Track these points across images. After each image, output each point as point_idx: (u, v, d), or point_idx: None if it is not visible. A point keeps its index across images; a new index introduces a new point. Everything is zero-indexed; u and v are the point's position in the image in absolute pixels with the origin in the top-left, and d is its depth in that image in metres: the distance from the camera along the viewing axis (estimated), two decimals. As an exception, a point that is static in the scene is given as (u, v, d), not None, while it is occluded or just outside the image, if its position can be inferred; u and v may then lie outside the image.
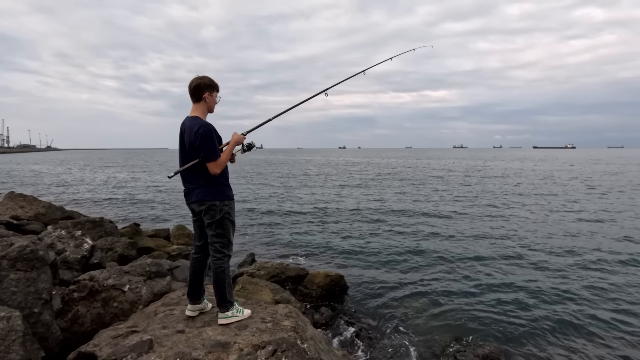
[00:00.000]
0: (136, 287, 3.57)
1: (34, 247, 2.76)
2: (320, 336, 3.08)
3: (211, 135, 2.58)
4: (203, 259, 2.88)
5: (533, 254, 8.06)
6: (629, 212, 12.84)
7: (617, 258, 7.65)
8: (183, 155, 2.70)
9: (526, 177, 27.81)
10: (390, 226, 10.90)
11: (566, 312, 5.31)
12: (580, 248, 8.42)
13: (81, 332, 3.20)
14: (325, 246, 8.89)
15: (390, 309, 5.52)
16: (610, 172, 32.43)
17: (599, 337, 4.66)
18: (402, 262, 7.57)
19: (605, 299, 5.73)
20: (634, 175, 28.67)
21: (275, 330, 2.58)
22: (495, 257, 7.83)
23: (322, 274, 6.29)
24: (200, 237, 2.85)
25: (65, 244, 4.73)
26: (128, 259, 6.46)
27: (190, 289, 2.86)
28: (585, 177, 26.83)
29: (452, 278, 6.69)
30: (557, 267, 7.18)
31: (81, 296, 3.33)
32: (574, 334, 4.76)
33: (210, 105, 2.80)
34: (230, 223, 2.72)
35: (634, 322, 4.98)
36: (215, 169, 2.59)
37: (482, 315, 5.23)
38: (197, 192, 2.66)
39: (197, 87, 2.72)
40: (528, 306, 5.51)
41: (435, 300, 5.78)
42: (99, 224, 7.56)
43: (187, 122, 2.66)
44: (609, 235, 9.63)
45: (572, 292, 5.98)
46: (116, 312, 3.36)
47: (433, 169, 36.85)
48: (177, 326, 2.66)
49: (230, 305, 2.73)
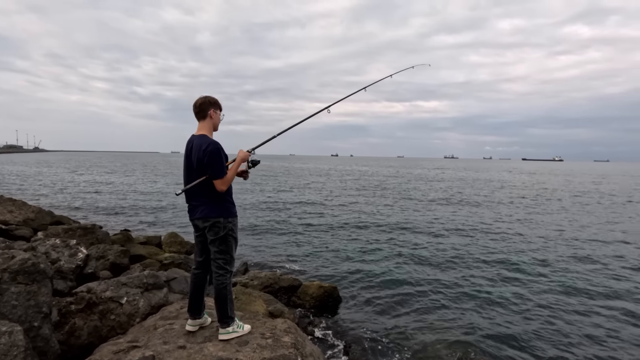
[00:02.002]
0: (134, 300, 3.58)
1: (35, 260, 2.76)
2: (319, 352, 3.13)
3: (219, 154, 2.65)
4: (204, 275, 2.92)
5: (528, 267, 8.21)
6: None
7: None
8: (189, 172, 2.75)
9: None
10: (385, 238, 11.00)
11: (558, 325, 5.44)
12: (570, 259, 8.64)
13: (78, 345, 3.19)
14: (319, 257, 8.93)
15: (384, 321, 5.57)
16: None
17: (589, 347, 4.79)
18: (396, 274, 7.65)
19: (599, 314, 5.88)
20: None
21: (276, 347, 2.62)
22: (492, 271, 7.94)
23: (315, 285, 6.33)
24: (201, 253, 2.89)
25: (59, 253, 4.68)
26: (120, 267, 6.41)
27: (191, 304, 2.89)
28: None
29: (447, 291, 6.78)
30: (549, 277, 7.36)
31: (78, 308, 3.32)
32: (565, 344, 4.87)
33: (215, 122, 2.88)
34: (233, 240, 2.78)
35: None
36: (221, 186, 2.65)
37: (476, 329, 5.31)
38: (202, 208, 2.71)
39: (202, 104, 2.80)
40: (525, 321, 5.58)
41: (429, 312, 5.86)
42: (91, 231, 7.48)
43: (195, 140, 2.72)
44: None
45: (563, 303, 6.14)
46: (113, 325, 3.36)
47: (430, 181, 37.19)
48: (178, 341, 2.69)
49: (231, 321, 2.77)
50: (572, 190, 27.86)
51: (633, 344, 4.95)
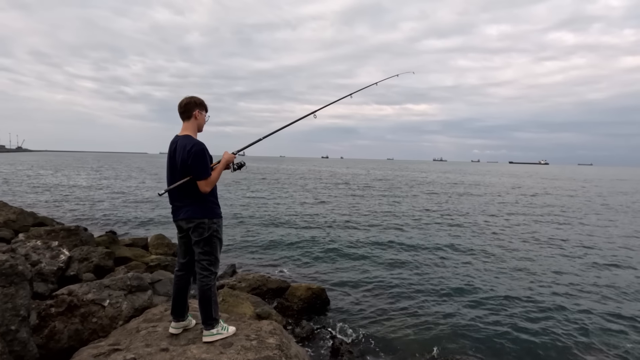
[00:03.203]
0: (116, 302, 3.52)
1: (13, 262, 2.70)
2: (304, 353, 3.12)
3: (204, 154, 2.63)
4: (187, 276, 2.89)
5: (515, 264, 8.36)
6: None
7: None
8: (172, 173, 2.72)
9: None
10: (373, 240, 11.03)
11: (543, 324, 5.54)
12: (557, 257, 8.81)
13: (57, 349, 3.12)
14: (308, 258, 8.91)
15: (371, 322, 5.59)
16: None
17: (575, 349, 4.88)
18: (384, 276, 7.68)
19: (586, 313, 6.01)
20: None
21: (260, 348, 2.61)
22: (481, 272, 8.04)
23: (303, 286, 6.31)
24: (184, 255, 2.85)
25: (40, 255, 4.58)
26: (105, 269, 6.30)
27: (174, 306, 2.85)
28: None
29: (434, 292, 6.84)
30: (535, 278, 7.49)
31: (59, 311, 3.25)
32: (548, 344, 4.96)
33: (200, 123, 2.86)
34: (218, 241, 2.75)
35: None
36: (206, 187, 2.63)
37: (463, 330, 5.37)
38: (186, 209, 2.68)
39: (187, 104, 2.78)
40: (514, 321, 5.66)
41: (416, 313, 5.90)
42: (74, 232, 7.34)
43: (180, 141, 2.70)
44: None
45: (547, 302, 6.26)
46: (95, 328, 3.30)
47: (421, 184, 37.50)
48: (160, 344, 2.65)
49: (215, 322, 2.75)
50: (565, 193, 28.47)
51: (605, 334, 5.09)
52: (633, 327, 5.59)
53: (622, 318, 5.88)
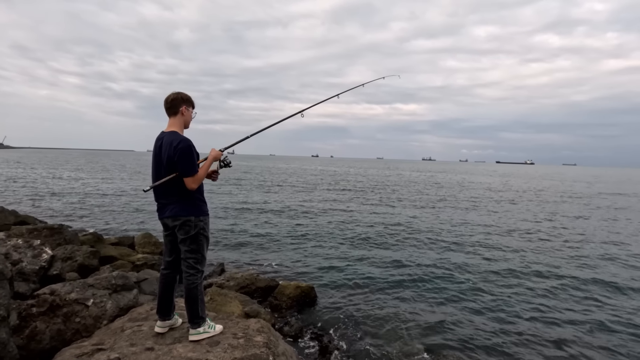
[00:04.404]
0: (101, 302, 3.45)
1: (-9, 261, 2.62)
2: (292, 351, 3.11)
3: (190, 151, 2.60)
4: (173, 275, 2.85)
5: (500, 263, 8.49)
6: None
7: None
8: (157, 170, 2.68)
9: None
10: (362, 238, 11.08)
11: (526, 320, 5.65)
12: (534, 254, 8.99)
13: (39, 349, 3.05)
14: (296, 257, 8.90)
15: (360, 320, 5.61)
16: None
17: (558, 343, 4.99)
18: (373, 274, 7.72)
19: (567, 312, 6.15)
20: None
21: (248, 347, 2.59)
22: (465, 268, 8.17)
23: (292, 285, 6.31)
24: (170, 253, 2.81)
25: (21, 253, 4.45)
26: (89, 269, 6.18)
27: (160, 305, 2.81)
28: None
29: (421, 289, 6.91)
30: (520, 274, 7.63)
31: (40, 311, 3.17)
32: (534, 339, 5.06)
33: (187, 119, 2.83)
34: (204, 239, 2.72)
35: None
36: (192, 184, 2.60)
37: (448, 326, 5.43)
38: (172, 207, 2.64)
39: (174, 100, 2.75)
40: (496, 317, 5.77)
41: (403, 311, 5.95)
42: (58, 231, 7.17)
43: (166, 137, 2.66)
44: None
45: (530, 298, 6.38)
46: (78, 328, 3.23)
47: (413, 183, 37.79)
48: (146, 343, 2.61)
49: (202, 321, 2.72)
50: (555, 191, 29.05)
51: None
52: (628, 323, 5.65)
53: (618, 310, 6.02)
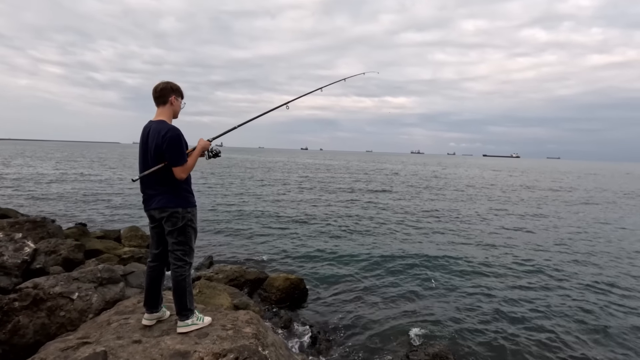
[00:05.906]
0: (86, 295, 3.39)
1: (-30, 254, 2.53)
2: (281, 342, 3.12)
3: (179, 140, 2.55)
4: (160, 267, 2.81)
5: (489, 257, 8.66)
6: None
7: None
8: (145, 160, 2.62)
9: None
10: (351, 230, 11.15)
11: (511, 311, 5.79)
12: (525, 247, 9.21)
13: (22, 344, 2.99)
14: (286, 249, 8.90)
15: (348, 311, 5.67)
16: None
17: (545, 332, 5.12)
18: (363, 266, 7.79)
19: (553, 299, 6.32)
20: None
21: (237, 338, 2.58)
22: (453, 260, 8.29)
23: (281, 277, 6.31)
24: (157, 245, 2.77)
25: (2, 247, 4.35)
26: (74, 262, 6.06)
27: (147, 298, 2.78)
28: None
29: (409, 281, 7.00)
30: (510, 267, 7.81)
31: (23, 305, 3.10)
32: (521, 331, 5.18)
33: (176, 110, 2.78)
34: (192, 230, 2.69)
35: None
36: (181, 173, 2.56)
37: (434, 316, 5.54)
38: (158, 198, 2.59)
39: (163, 89, 2.69)
40: (481, 308, 5.88)
41: (391, 302, 6.03)
42: (41, 224, 6.99)
43: (153, 126, 2.60)
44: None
45: (517, 291, 6.54)
46: (63, 322, 3.17)
47: (397, 175, 38.08)
48: (133, 336, 2.57)
49: (190, 313, 2.70)
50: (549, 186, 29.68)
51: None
52: (630, 322, 5.63)
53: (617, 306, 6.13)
